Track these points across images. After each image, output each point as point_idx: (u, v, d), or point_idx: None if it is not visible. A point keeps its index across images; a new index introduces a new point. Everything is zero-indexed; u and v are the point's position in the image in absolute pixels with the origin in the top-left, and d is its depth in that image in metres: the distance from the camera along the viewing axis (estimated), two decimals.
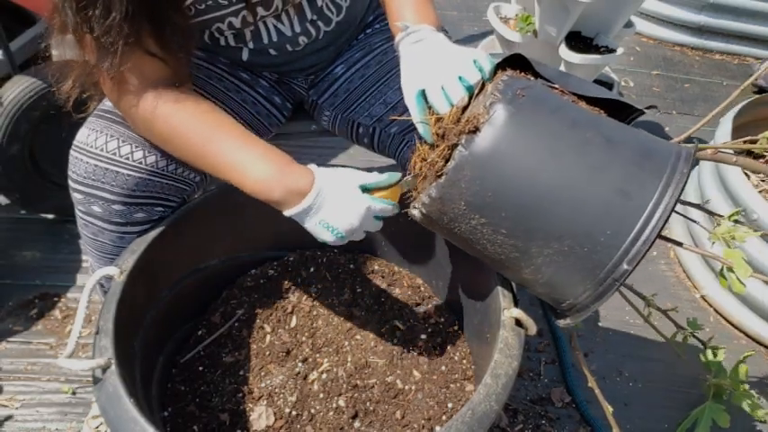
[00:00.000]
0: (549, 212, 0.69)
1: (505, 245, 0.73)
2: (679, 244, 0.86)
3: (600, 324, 1.54)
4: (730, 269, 0.81)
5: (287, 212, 0.79)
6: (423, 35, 0.85)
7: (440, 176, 0.73)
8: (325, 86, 1.09)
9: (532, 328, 0.81)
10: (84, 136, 0.88)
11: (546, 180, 0.69)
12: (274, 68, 1.04)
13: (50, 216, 1.62)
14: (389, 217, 0.84)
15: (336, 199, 0.78)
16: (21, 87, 1.36)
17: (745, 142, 0.94)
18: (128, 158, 0.87)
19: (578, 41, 1.69)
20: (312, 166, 0.80)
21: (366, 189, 0.80)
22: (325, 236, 0.80)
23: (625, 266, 0.68)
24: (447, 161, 0.73)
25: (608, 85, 1.86)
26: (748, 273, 0.79)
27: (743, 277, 0.80)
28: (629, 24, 1.75)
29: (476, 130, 0.70)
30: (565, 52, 1.63)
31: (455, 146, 0.72)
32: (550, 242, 0.70)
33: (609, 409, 0.86)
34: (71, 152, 0.89)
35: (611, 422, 0.87)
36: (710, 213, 0.91)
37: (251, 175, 0.78)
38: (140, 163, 0.88)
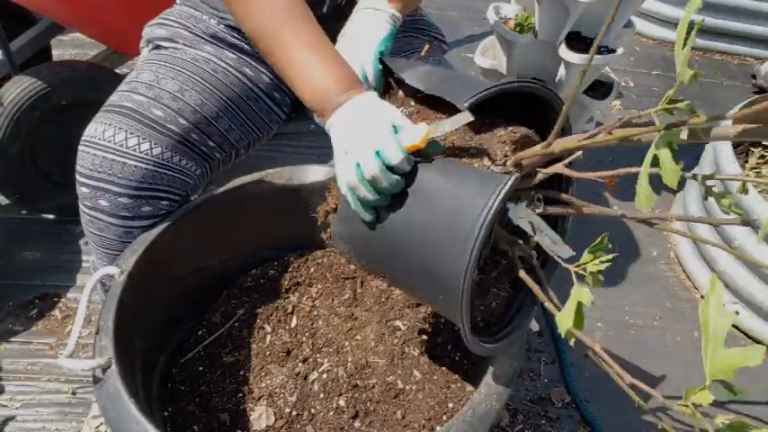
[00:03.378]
0: (395, 270, 0.75)
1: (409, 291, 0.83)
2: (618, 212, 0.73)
3: (600, 324, 1.54)
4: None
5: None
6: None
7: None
8: None
9: (534, 326, 0.81)
10: (92, 130, 0.91)
11: (378, 249, 0.75)
12: None
13: (50, 216, 1.62)
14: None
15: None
16: (21, 87, 1.36)
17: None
18: (134, 149, 0.89)
19: (578, 41, 1.69)
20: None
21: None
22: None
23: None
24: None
25: (608, 85, 1.85)
26: (652, 200, 0.59)
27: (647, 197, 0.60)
28: (629, 24, 1.74)
29: (335, 209, 0.79)
30: (565, 52, 1.63)
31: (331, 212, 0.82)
32: (420, 293, 0.77)
33: (597, 347, 0.65)
34: (79, 148, 0.91)
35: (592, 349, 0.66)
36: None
37: (310, 85, 0.81)
38: (146, 154, 0.89)
